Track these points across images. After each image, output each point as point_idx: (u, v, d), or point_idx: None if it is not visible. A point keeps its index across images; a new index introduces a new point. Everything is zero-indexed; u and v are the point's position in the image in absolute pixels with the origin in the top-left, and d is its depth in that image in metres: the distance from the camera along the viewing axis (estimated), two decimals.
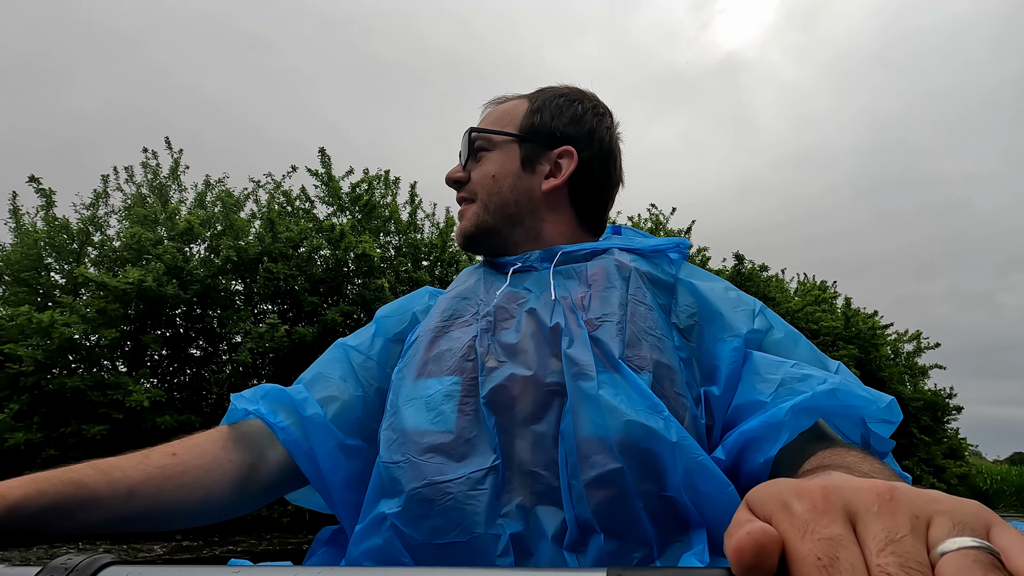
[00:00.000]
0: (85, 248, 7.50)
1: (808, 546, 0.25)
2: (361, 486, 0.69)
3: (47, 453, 6.17)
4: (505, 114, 0.85)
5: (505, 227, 0.83)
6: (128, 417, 6.45)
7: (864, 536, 0.25)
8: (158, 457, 0.62)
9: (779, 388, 0.60)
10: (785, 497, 0.27)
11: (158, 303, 7.03)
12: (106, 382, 6.49)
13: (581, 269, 0.77)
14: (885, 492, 0.26)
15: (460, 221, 0.86)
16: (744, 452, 0.59)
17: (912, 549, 0.24)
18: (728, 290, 0.75)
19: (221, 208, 8.01)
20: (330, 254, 7.99)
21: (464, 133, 0.86)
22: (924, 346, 13.40)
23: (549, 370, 0.65)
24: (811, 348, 0.70)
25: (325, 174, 8.75)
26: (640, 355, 0.65)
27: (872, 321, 12.45)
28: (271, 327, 7.13)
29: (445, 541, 0.58)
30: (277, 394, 0.72)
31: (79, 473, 0.56)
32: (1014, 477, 18.00)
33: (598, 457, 0.58)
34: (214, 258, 7.68)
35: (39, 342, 6.22)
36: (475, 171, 0.84)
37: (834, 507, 0.26)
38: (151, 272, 6.68)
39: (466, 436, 0.63)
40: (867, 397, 0.57)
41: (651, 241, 0.84)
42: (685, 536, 0.58)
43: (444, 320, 0.76)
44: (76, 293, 7.17)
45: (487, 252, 0.86)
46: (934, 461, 12.75)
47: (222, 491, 0.65)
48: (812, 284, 13.14)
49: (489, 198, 0.82)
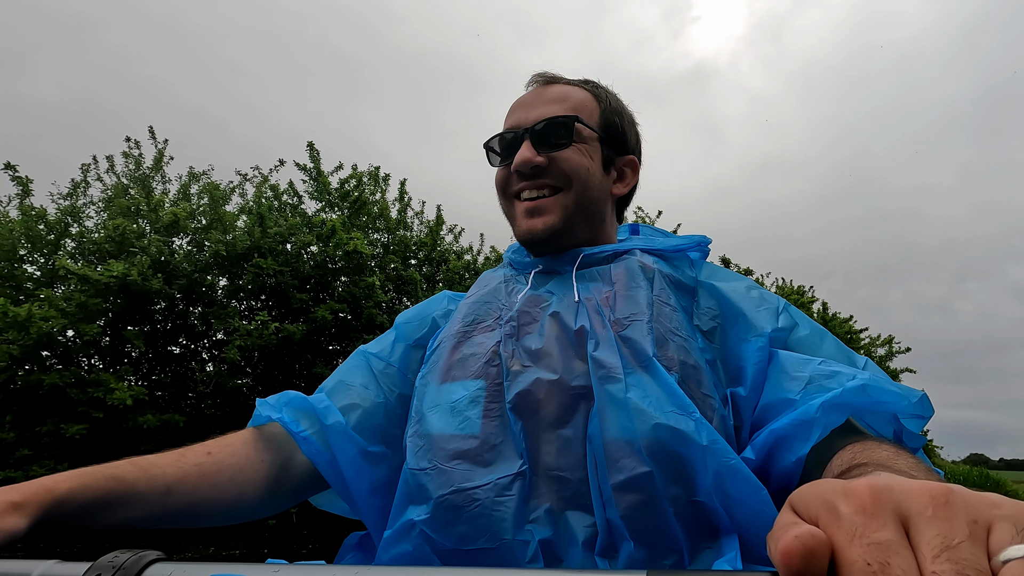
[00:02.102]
0: (63, 240, 7.20)
1: (858, 551, 0.23)
2: (386, 492, 0.69)
3: (20, 453, 5.90)
4: (582, 106, 0.81)
5: (582, 224, 0.80)
6: (108, 416, 6.21)
7: (918, 541, 0.23)
8: (194, 456, 0.63)
9: (807, 386, 0.59)
10: (832, 499, 0.26)
11: (141, 298, 6.79)
12: (86, 379, 6.24)
13: (604, 271, 0.76)
14: (940, 495, 0.24)
15: (539, 214, 0.78)
16: (774, 451, 0.59)
17: (971, 556, 0.22)
18: (750, 289, 0.74)
19: (207, 201, 7.79)
20: (319, 250, 7.84)
21: (550, 117, 0.78)
22: (896, 350, 13.85)
23: (574, 373, 0.65)
24: (838, 344, 0.69)
25: (314, 169, 8.58)
26: (668, 355, 0.64)
27: (848, 325, 12.81)
28: (261, 324, 6.96)
29: (474, 547, 0.57)
30: (300, 402, 0.72)
31: (120, 469, 0.56)
32: (975, 478, 18.77)
33: (626, 461, 0.57)
34: (198, 252, 7.46)
35: (15, 336, 5.94)
36: (564, 160, 0.78)
37: (884, 510, 0.25)
38: (136, 266, 6.44)
39: (492, 442, 0.63)
40: (898, 392, 0.56)
41: (672, 240, 0.84)
42: (716, 542, 0.57)
43: (466, 325, 0.75)
44: (52, 286, 6.88)
45: (553, 250, 0.81)
46: None
47: (255, 490, 0.65)
48: (790, 288, 13.45)
49: (584, 191, 0.78)
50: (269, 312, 7.72)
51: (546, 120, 0.78)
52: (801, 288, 13.46)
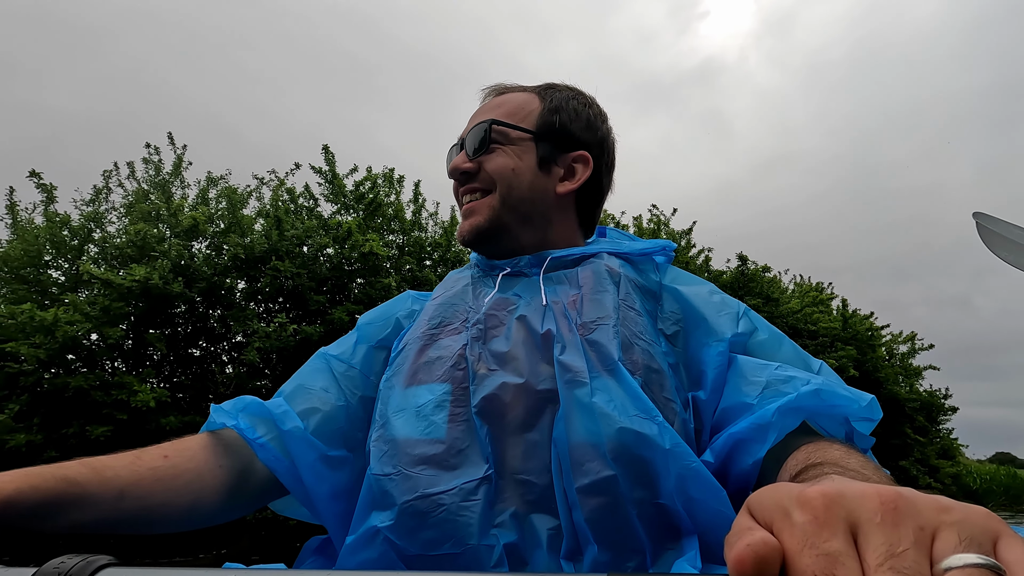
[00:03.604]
0: (86, 245, 7.34)
1: (807, 560, 0.24)
2: (348, 496, 0.68)
3: (48, 455, 6.02)
4: (519, 108, 0.83)
5: (517, 225, 0.81)
6: (132, 418, 6.32)
7: (864, 549, 0.24)
8: (150, 459, 0.61)
9: (764, 390, 0.61)
10: (787, 505, 0.27)
11: (162, 301, 6.90)
12: (110, 382, 6.36)
13: (572, 274, 0.76)
14: (889, 500, 0.25)
15: (469, 216, 0.81)
16: (733, 454, 0.60)
17: (913, 564, 0.23)
18: (712, 294, 0.75)
19: (225, 205, 7.89)
20: (335, 252, 7.91)
21: (476, 123, 0.82)
22: (918, 347, 13.59)
23: (541, 377, 0.65)
24: (795, 348, 0.70)
25: (329, 172, 8.66)
26: (632, 359, 0.65)
27: (869, 322, 12.60)
28: (280, 326, 7.04)
29: (439, 553, 0.57)
30: (256, 408, 0.70)
31: (71, 470, 0.54)
32: (1002, 477, 18.34)
33: (591, 464, 0.58)
34: (217, 256, 7.56)
35: (41, 340, 6.07)
36: (489, 163, 0.80)
37: (835, 518, 0.25)
38: (157, 270, 6.55)
39: (458, 446, 0.62)
40: (849, 396, 0.58)
41: (639, 244, 0.85)
42: (677, 543, 0.58)
43: (432, 327, 0.74)
44: (76, 290, 7.02)
45: (494, 251, 0.83)
46: (928, 461, 12.92)
47: (211, 496, 0.63)
48: (809, 285, 13.26)
49: (508, 192, 0.79)
50: (287, 314, 7.80)
51: (472, 128, 0.81)
52: (820, 285, 13.27)
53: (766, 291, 10.80)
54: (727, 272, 10.89)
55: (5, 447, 5.77)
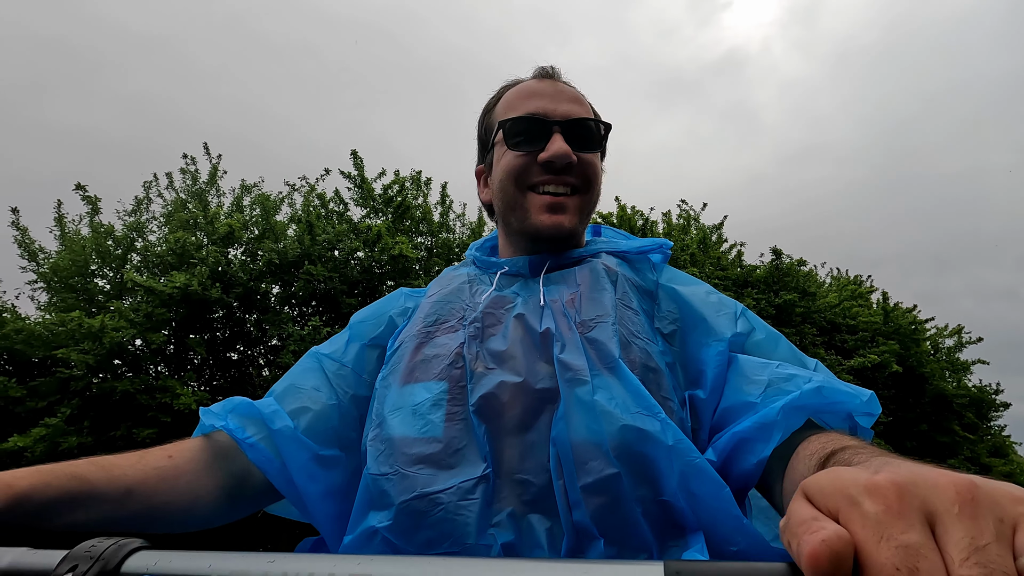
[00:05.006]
0: (129, 254, 7.62)
1: (886, 554, 0.23)
2: (342, 497, 0.68)
3: None
4: (596, 115, 0.83)
5: (583, 229, 0.82)
6: (175, 420, 6.53)
7: (945, 542, 0.23)
8: (154, 458, 0.61)
9: (767, 389, 0.61)
10: (853, 493, 0.26)
11: (201, 306, 7.11)
12: (154, 386, 6.58)
13: (569, 273, 0.75)
14: (966, 490, 0.24)
15: (558, 211, 0.76)
16: (736, 453, 0.59)
17: (998, 558, 0.22)
18: (709, 294, 0.75)
19: (259, 212, 8.09)
20: (365, 256, 8.02)
21: (581, 117, 0.78)
22: (966, 341, 13.03)
23: (539, 376, 0.64)
24: (791, 348, 0.70)
25: (358, 176, 8.78)
26: (630, 358, 0.64)
27: (912, 315, 12.14)
28: (314, 329, 7.18)
29: (437, 552, 0.56)
30: (246, 408, 0.69)
31: (81, 468, 0.54)
32: None
33: (594, 463, 0.57)
34: (252, 262, 7.76)
35: (90, 347, 6.32)
36: (589, 164, 0.78)
37: (910, 508, 0.24)
38: (196, 276, 6.76)
39: (456, 445, 0.61)
40: (850, 392, 0.58)
41: (635, 243, 0.84)
42: (682, 539, 0.58)
43: (429, 325, 0.73)
44: (120, 297, 7.29)
45: (558, 250, 0.81)
46: (979, 460, 12.39)
47: (210, 497, 0.63)
48: (847, 279, 12.86)
49: (593, 198, 0.81)
50: (320, 317, 7.94)
51: (579, 119, 0.77)
52: (858, 278, 12.86)
53: (802, 285, 10.49)
54: (761, 267, 10.63)
55: (59, 449, 6.04)
